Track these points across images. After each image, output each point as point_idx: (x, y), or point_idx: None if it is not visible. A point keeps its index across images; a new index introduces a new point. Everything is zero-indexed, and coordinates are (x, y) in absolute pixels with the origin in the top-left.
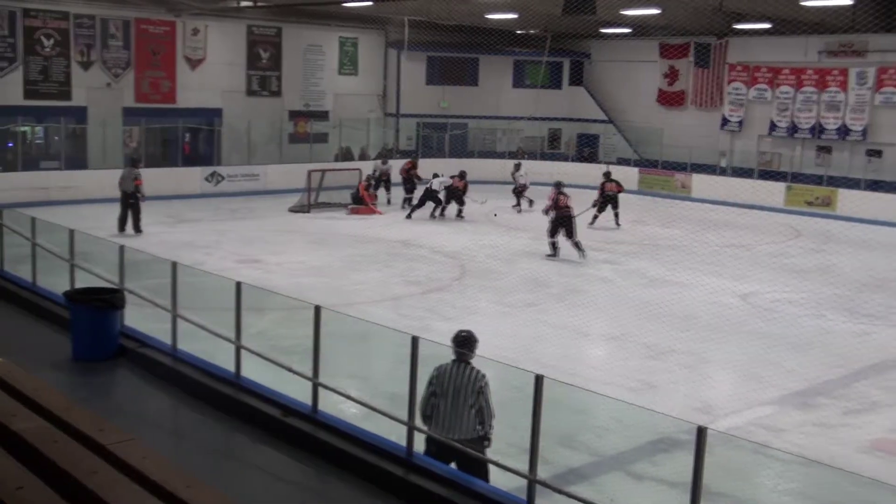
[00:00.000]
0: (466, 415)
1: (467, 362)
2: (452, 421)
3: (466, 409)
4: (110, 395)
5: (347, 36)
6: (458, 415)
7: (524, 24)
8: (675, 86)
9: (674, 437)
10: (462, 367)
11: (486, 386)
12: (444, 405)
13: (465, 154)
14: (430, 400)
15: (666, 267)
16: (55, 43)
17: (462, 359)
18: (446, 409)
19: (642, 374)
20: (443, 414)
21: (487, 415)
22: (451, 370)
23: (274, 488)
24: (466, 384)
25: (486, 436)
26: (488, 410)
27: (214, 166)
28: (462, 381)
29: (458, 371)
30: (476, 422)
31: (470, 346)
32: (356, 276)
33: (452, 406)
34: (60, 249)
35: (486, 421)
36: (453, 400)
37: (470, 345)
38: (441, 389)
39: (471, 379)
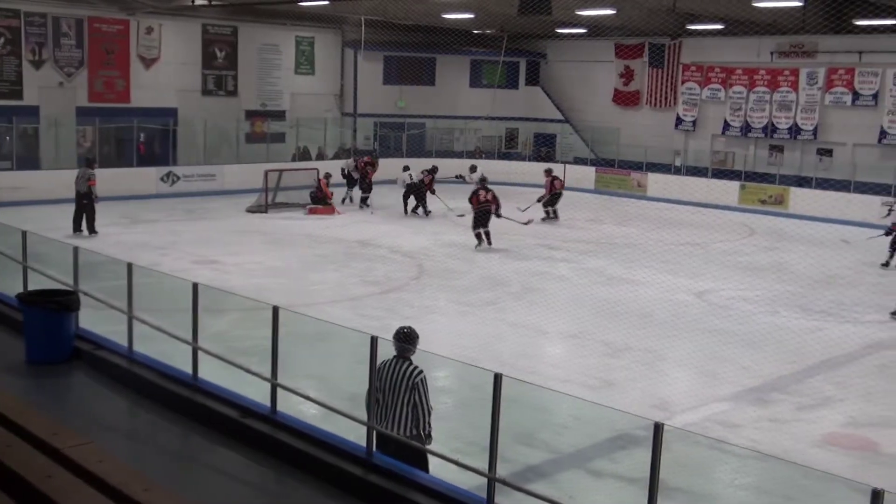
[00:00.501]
0: (402, 411)
1: (407, 358)
2: (389, 417)
3: (402, 405)
4: (65, 399)
5: (304, 35)
6: (394, 411)
7: (481, 24)
8: (631, 86)
9: (631, 434)
10: (400, 363)
11: (421, 382)
12: (382, 400)
13: (423, 153)
14: (375, 395)
15: (622, 265)
16: (6, 41)
17: (402, 354)
18: (384, 404)
19: (600, 371)
20: (381, 409)
21: (422, 411)
22: (391, 366)
23: (232, 490)
24: (402, 380)
25: (425, 433)
26: (423, 407)
27: (170, 166)
28: (398, 377)
29: (396, 367)
30: (411, 418)
31: (410, 342)
32: (314, 277)
33: (390, 402)
34: (13, 251)
35: (422, 418)
36: (390, 396)
37: (410, 341)
38: (380, 385)
39: (407, 374)
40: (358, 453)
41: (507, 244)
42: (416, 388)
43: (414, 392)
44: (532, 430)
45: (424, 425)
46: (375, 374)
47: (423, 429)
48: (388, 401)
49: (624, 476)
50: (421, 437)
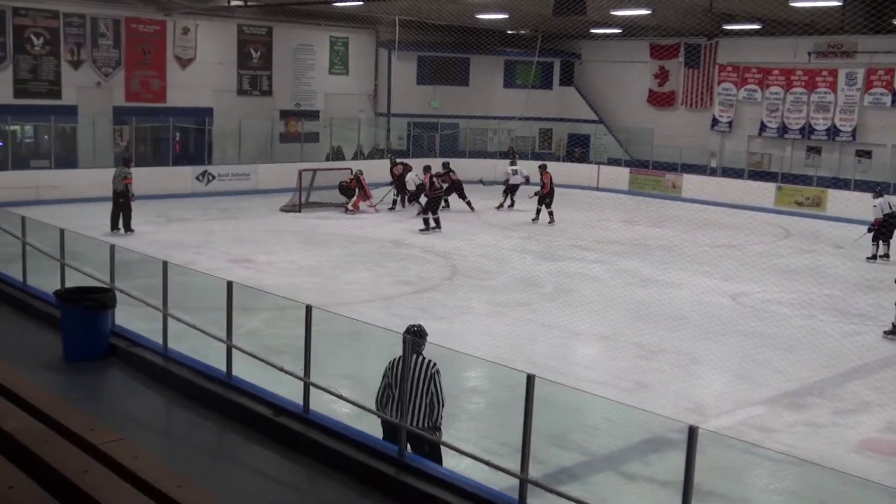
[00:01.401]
0: (419, 402)
1: (419, 353)
2: (405, 410)
3: (419, 398)
4: (101, 395)
5: (338, 35)
6: (411, 404)
7: (515, 25)
8: (666, 86)
9: (665, 437)
10: (414, 358)
11: (437, 374)
12: (397, 395)
13: (457, 153)
14: (385, 391)
15: (657, 267)
16: (45, 42)
17: (415, 350)
18: (401, 399)
19: (634, 373)
20: (396, 404)
21: (438, 402)
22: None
23: (265, 488)
24: (419, 373)
25: (437, 426)
26: (438, 398)
27: (205, 166)
28: (415, 371)
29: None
30: (427, 410)
31: (422, 338)
32: (347, 276)
33: (406, 395)
34: (51, 249)
35: (437, 409)
36: (407, 392)
37: (422, 336)
38: (395, 381)
39: (423, 369)
40: (390, 453)
41: (540, 246)
42: (433, 380)
43: (431, 384)
44: (564, 432)
45: (437, 417)
46: (389, 368)
47: (436, 420)
48: (403, 395)
49: (657, 479)
50: (434, 429)
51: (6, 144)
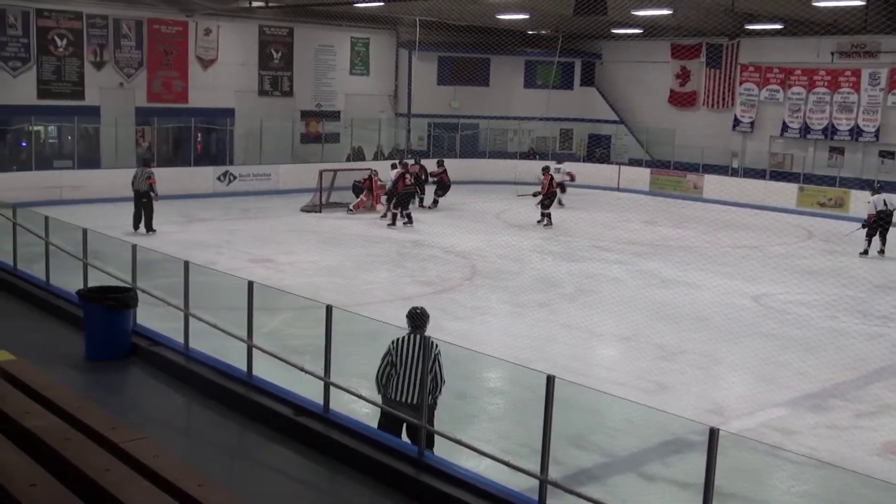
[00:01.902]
0: (423, 382)
1: (421, 334)
2: (408, 388)
3: (423, 376)
4: (122, 394)
5: (359, 36)
6: (415, 382)
7: (535, 25)
8: (687, 86)
9: (686, 439)
10: (417, 338)
11: (439, 354)
12: (402, 373)
13: (477, 154)
14: (387, 370)
15: (678, 268)
16: (68, 43)
17: (416, 331)
18: (404, 376)
19: (654, 374)
20: (400, 381)
21: (440, 381)
22: (409, 341)
23: (285, 488)
24: (422, 353)
25: (433, 402)
26: (441, 377)
27: (226, 166)
28: (418, 351)
29: (413, 342)
30: (431, 388)
31: (423, 321)
32: (368, 276)
33: (410, 374)
34: (73, 248)
35: (438, 387)
36: (411, 368)
37: (423, 320)
38: (399, 359)
39: (426, 348)
40: (410, 453)
41: (560, 246)
42: (437, 360)
43: (435, 363)
44: (584, 433)
45: (437, 394)
46: (393, 346)
47: (435, 397)
48: (407, 373)
49: (678, 481)
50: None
51: (30, 145)
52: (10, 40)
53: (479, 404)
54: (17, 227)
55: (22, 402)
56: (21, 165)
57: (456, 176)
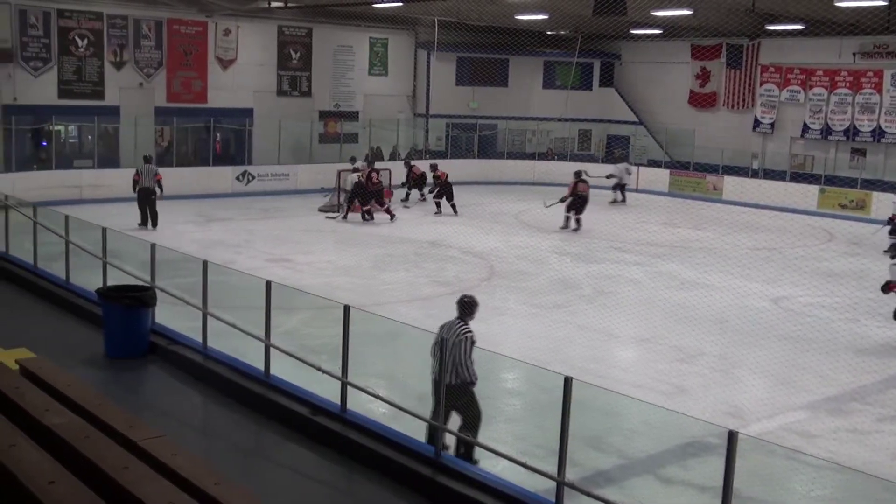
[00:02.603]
0: (449, 363)
1: (463, 320)
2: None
3: (449, 358)
4: (141, 392)
5: (377, 36)
6: (444, 362)
7: (554, 25)
8: (707, 87)
9: (704, 441)
10: (455, 323)
11: (464, 341)
12: (438, 353)
13: (495, 155)
14: (433, 349)
15: (697, 269)
16: (89, 43)
17: (460, 317)
18: (439, 357)
19: (672, 377)
20: (437, 361)
21: (461, 364)
22: (449, 325)
23: (302, 487)
24: (451, 337)
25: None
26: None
27: (245, 166)
28: (450, 334)
29: (450, 326)
30: (456, 370)
31: (463, 309)
32: (385, 276)
33: (442, 354)
34: (93, 247)
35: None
36: (442, 349)
37: (463, 308)
38: (439, 340)
39: (455, 332)
40: (427, 453)
41: (578, 248)
42: (460, 345)
43: (457, 347)
44: (602, 435)
45: (465, 375)
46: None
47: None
48: (440, 353)
49: (696, 484)
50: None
51: (50, 144)
52: (31, 40)
53: (495, 405)
54: (38, 225)
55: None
56: (42, 165)
57: (474, 176)
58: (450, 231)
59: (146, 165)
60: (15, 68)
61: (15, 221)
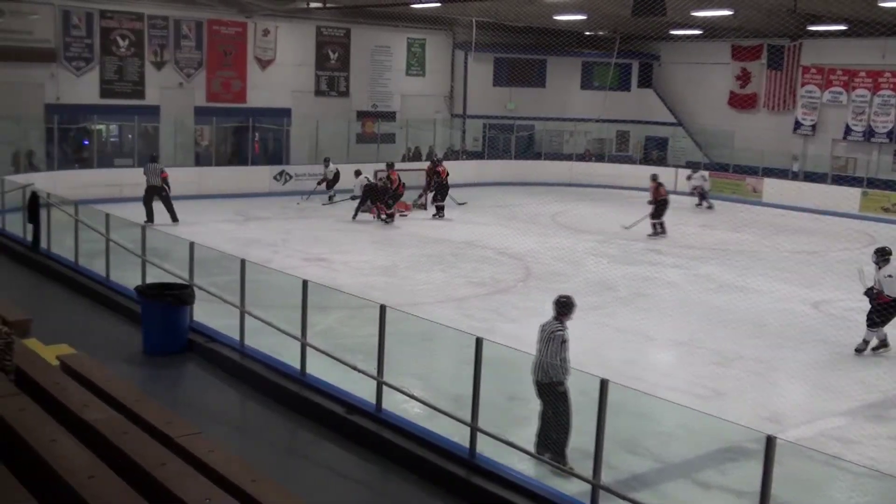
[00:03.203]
0: (539, 360)
1: (559, 319)
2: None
3: (541, 356)
4: (179, 389)
5: (415, 37)
6: (538, 359)
7: (593, 26)
8: (747, 88)
9: (742, 446)
10: (550, 322)
11: (555, 339)
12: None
13: (532, 155)
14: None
15: (735, 272)
16: (130, 43)
17: (556, 316)
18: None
19: (710, 380)
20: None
21: (549, 364)
22: (545, 324)
23: (337, 485)
24: (544, 335)
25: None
26: (550, 359)
27: (283, 165)
28: (544, 332)
29: (547, 323)
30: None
31: (560, 309)
32: (421, 276)
33: (539, 351)
34: (133, 245)
35: (549, 371)
36: (538, 346)
37: (560, 307)
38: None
39: (547, 330)
40: (461, 454)
41: (616, 249)
42: (550, 342)
43: (549, 344)
44: (638, 438)
45: (554, 374)
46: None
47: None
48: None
49: (733, 489)
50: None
51: (92, 143)
52: (74, 41)
53: (531, 407)
54: (79, 223)
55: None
56: (83, 163)
57: (511, 178)
58: (486, 232)
59: (151, 164)
60: (58, 68)
61: (57, 219)
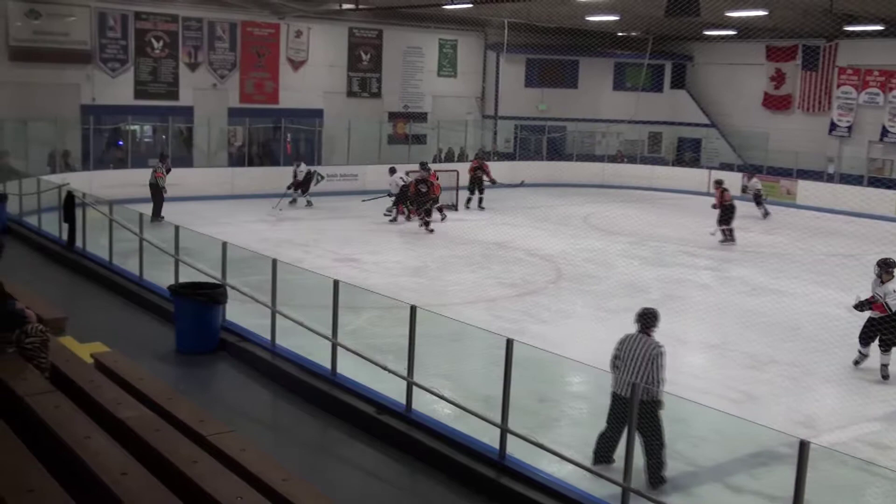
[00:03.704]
0: (640, 379)
1: (647, 334)
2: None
3: (640, 374)
4: (211, 388)
5: (447, 38)
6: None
7: (625, 27)
8: (782, 89)
9: (775, 451)
10: (641, 337)
11: (659, 356)
12: (623, 368)
13: (564, 157)
14: (615, 362)
15: (769, 275)
16: (164, 45)
17: (643, 330)
18: (624, 372)
19: (743, 384)
20: (622, 376)
21: (656, 381)
22: (633, 339)
23: (366, 485)
24: (640, 351)
25: (656, 399)
26: (657, 377)
27: (314, 166)
28: (639, 349)
29: (636, 340)
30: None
31: (646, 321)
32: (451, 277)
33: (630, 369)
34: (166, 244)
35: (656, 387)
36: (630, 364)
37: (646, 320)
38: (622, 355)
39: (645, 346)
40: (491, 455)
41: (648, 251)
42: (654, 361)
43: (651, 363)
44: (669, 441)
45: (656, 393)
46: (619, 342)
47: (653, 396)
48: (627, 369)
49: (765, 493)
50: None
51: (126, 144)
52: (109, 42)
53: (561, 408)
54: (113, 222)
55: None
56: (118, 163)
57: (542, 179)
58: (517, 233)
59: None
60: (93, 69)
61: (91, 219)
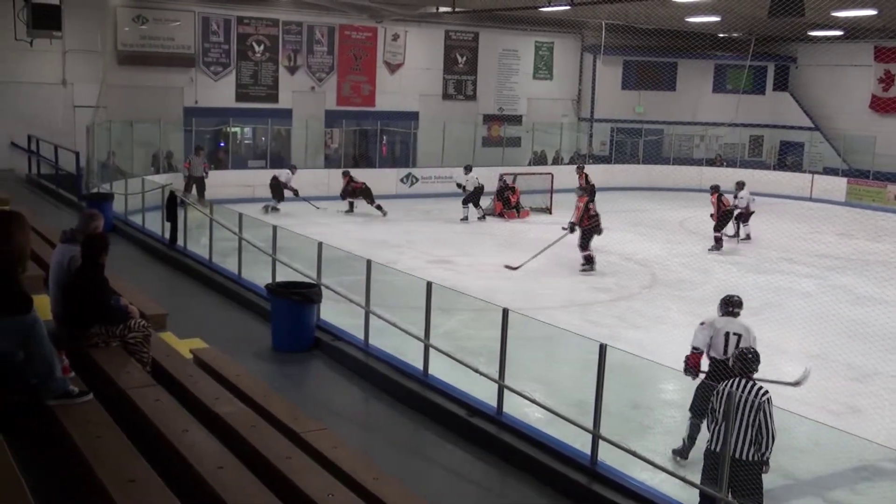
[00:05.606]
0: (744, 434)
1: (750, 378)
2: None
3: (744, 427)
4: (305, 386)
5: (543, 41)
6: (737, 432)
7: (727, 28)
8: (891, 91)
9: (878, 466)
10: (744, 383)
11: (767, 402)
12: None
13: (661, 160)
14: (712, 415)
15: (874, 284)
16: (265, 49)
17: (745, 374)
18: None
19: (844, 396)
20: (720, 430)
21: (766, 435)
22: (733, 386)
23: (457, 486)
24: (747, 400)
25: (764, 459)
26: (766, 430)
27: (410, 168)
28: (744, 399)
29: (736, 386)
30: (753, 441)
31: (746, 365)
32: (545, 281)
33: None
34: (264, 244)
35: (764, 442)
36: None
37: (746, 363)
38: (719, 406)
39: (752, 394)
40: (582, 461)
41: (747, 258)
42: (762, 409)
43: (759, 412)
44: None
45: (766, 450)
46: (716, 393)
47: (763, 454)
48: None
49: None
50: (760, 463)
51: (227, 145)
52: (212, 46)
53: (654, 416)
54: (214, 222)
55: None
56: (219, 164)
57: (638, 183)
58: (611, 237)
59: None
60: (197, 73)
61: (192, 218)
